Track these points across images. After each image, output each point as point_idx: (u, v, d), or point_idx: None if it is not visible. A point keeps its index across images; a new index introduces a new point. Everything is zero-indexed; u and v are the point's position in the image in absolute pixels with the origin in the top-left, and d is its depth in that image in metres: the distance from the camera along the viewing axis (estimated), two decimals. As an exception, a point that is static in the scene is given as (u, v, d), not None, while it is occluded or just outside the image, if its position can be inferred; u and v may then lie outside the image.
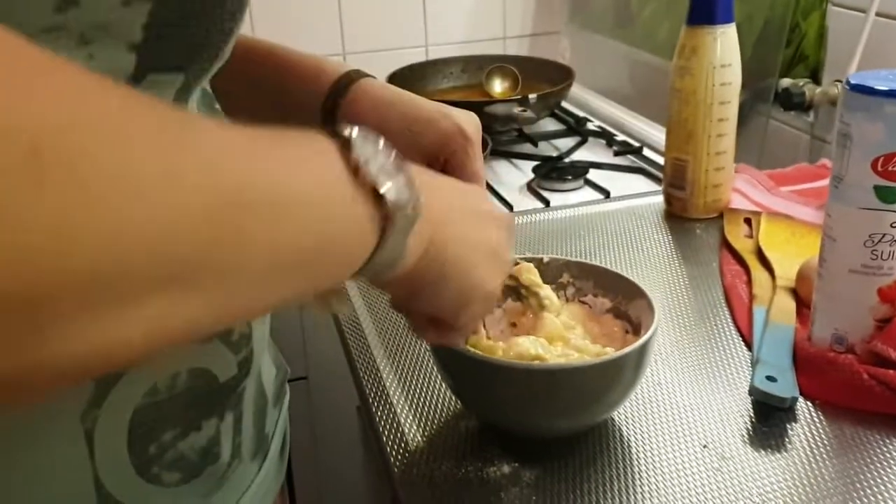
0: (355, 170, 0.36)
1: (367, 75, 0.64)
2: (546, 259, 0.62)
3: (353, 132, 0.37)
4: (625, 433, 0.57)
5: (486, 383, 0.54)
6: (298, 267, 0.33)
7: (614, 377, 0.52)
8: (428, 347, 0.60)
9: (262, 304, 0.35)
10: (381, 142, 0.37)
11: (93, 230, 0.24)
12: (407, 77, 1.37)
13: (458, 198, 0.48)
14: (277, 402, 0.56)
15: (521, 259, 0.62)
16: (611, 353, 0.54)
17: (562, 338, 0.57)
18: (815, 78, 1.08)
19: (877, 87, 0.56)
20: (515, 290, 0.60)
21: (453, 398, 0.61)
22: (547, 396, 0.52)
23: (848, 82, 0.57)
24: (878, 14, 0.97)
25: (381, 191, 0.36)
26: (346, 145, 0.36)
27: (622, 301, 0.59)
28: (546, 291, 0.59)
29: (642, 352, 0.52)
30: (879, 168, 0.57)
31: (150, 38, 0.36)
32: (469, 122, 0.60)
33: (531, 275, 0.60)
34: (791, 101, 1.06)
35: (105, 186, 0.24)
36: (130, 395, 0.41)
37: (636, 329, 0.58)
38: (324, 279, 0.37)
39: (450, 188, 0.49)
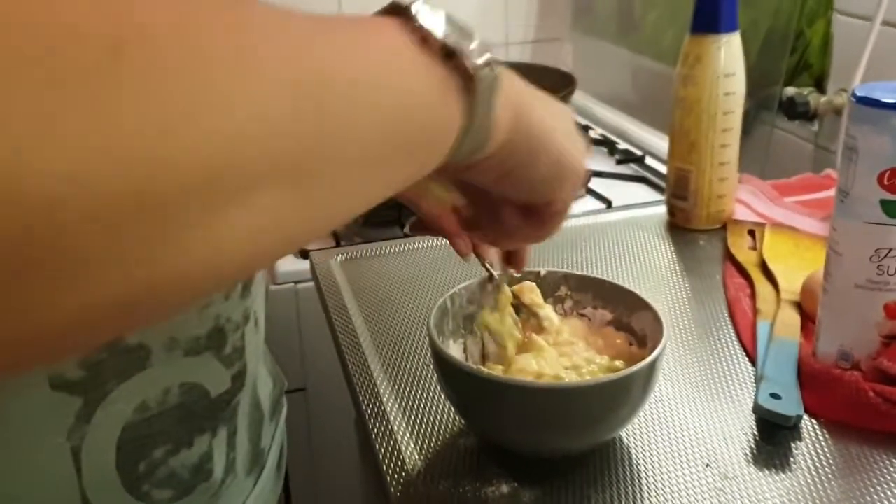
0: (423, 39, 0.34)
1: None
2: (543, 272, 0.61)
3: (415, 6, 0.35)
4: (625, 452, 0.56)
5: (492, 401, 0.52)
6: (395, 148, 0.32)
7: (624, 394, 0.51)
8: (431, 364, 0.59)
9: (367, 193, 0.32)
10: (444, 13, 0.36)
11: (188, 129, 0.22)
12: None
13: (524, 82, 0.46)
14: (274, 415, 0.55)
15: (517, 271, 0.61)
16: (621, 365, 0.54)
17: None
18: (820, 87, 1.07)
19: (883, 100, 0.54)
20: (516, 308, 0.59)
21: (452, 414, 0.60)
22: (555, 415, 0.51)
23: (854, 95, 0.56)
24: (883, 23, 0.96)
25: (455, 48, 0.34)
26: (408, 18, 0.34)
27: (623, 312, 0.58)
28: (546, 312, 0.58)
29: (652, 367, 0.51)
30: (886, 182, 0.55)
31: None
32: None
33: (533, 294, 0.59)
34: (795, 111, 1.05)
35: (193, 84, 0.23)
36: (120, 411, 0.40)
37: (641, 341, 0.57)
38: (423, 158, 0.35)
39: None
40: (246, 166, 0.24)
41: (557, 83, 1.36)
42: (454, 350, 0.59)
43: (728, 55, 0.83)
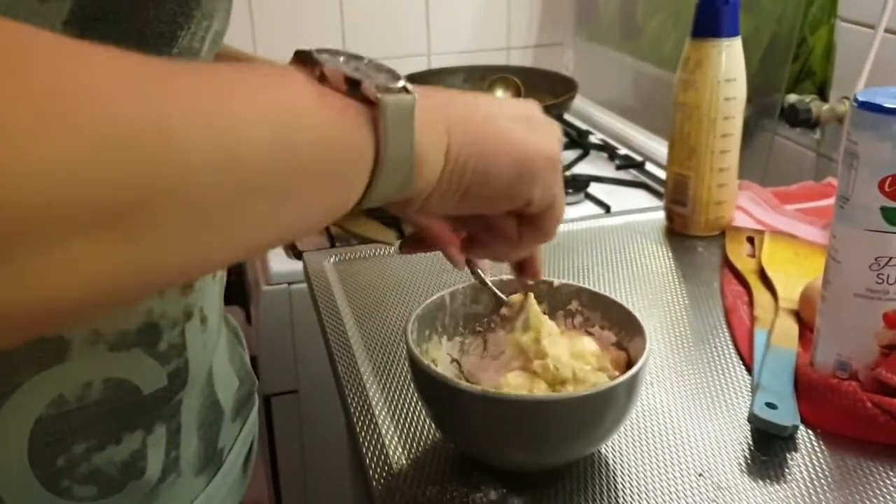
0: (323, 76, 0.33)
1: None
2: (556, 283, 0.59)
3: (315, 51, 0.34)
4: (618, 459, 0.55)
5: (464, 413, 0.51)
6: (273, 193, 0.30)
7: (594, 411, 0.49)
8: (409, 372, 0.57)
9: (229, 247, 0.30)
10: (351, 52, 0.35)
11: None
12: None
13: (462, 92, 0.44)
14: (239, 415, 0.53)
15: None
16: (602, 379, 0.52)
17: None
18: (822, 94, 1.06)
19: (885, 105, 0.54)
20: (510, 320, 0.57)
21: (441, 419, 0.59)
22: (514, 428, 0.50)
23: (856, 99, 0.55)
24: (887, 30, 0.95)
25: (356, 78, 0.33)
26: (308, 61, 0.33)
27: (624, 337, 0.56)
28: (547, 333, 0.55)
29: (621, 388, 0.49)
30: (887, 189, 0.54)
31: (73, 38, 0.34)
32: None
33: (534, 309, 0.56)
34: (797, 118, 1.04)
35: None
36: (30, 403, 0.39)
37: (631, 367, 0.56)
38: (326, 195, 0.33)
39: (447, 89, 0.45)
40: (50, 218, 0.23)
41: (558, 88, 1.35)
42: (447, 347, 0.58)
43: (729, 60, 0.82)
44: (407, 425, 0.59)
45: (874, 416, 0.55)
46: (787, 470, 0.54)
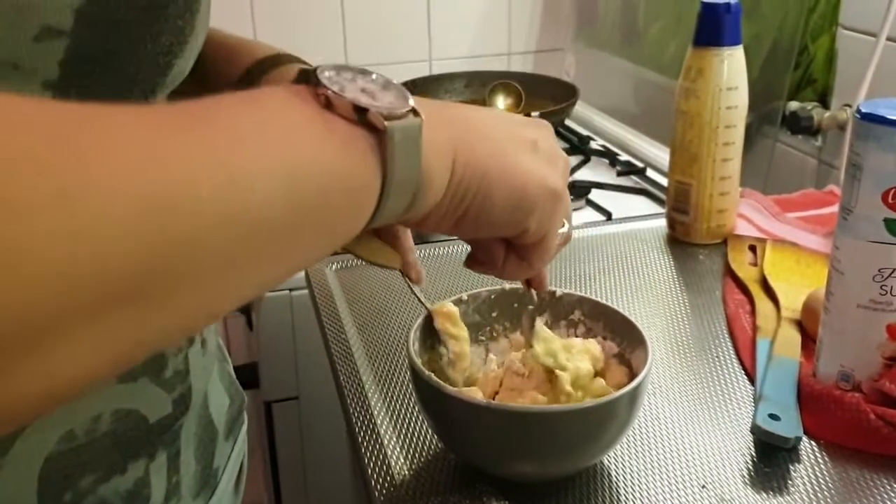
0: (328, 102, 0.32)
1: (301, 62, 0.57)
2: (559, 293, 0.59)
3: (320, 68, 0.33)
4: (621, 470, 0.55)
5: (465, 424, 0.51)
6: (285, 238, 0.29)
7: (585, 425, 0.49)
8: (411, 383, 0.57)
9: (241, 294, 0.30)
10: (355, 68, 0.34)
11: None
12: (410, 91, 1.35)
13: (473, 108, 0.42)
14: (230, 433, 0.53)
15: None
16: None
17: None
18: (824, 102, 1.06)
19: (889, 117, 0.53)
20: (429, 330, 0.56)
21: (443, 429, 0.59)
22: (516, 439, 0.49)
23: (859, 111, 0.55)
24: (889, 39, 0.95)
25: (362, 104, 0.32)
26: (311, 81, 0.32)
27: (627, 348, 0.56)
28: (458, 344, 0.54)
29: (617, 402, 0.49)
30: (890, 200, 0.54)
31: (70, 75, 0.33)
32: None
33: (448, 322, 0.55)
34: (799, 125, 1.04)
35: (8, 228, 0.21)
36: (41, 442, 0.38)
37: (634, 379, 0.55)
38: (334, 225, 0.32)
39: (458, 104, 0.43)
40: (74, 306, 0.23)
41: (559, 94, 1.35)
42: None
43: (731, 68, 0.82)
44: (409, 435, 0.59)
45: (877, 428, 0.55)
46: (790, 482, 0.54)
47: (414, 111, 0.34)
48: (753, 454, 0.56)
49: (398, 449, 0.58)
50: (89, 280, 0.23)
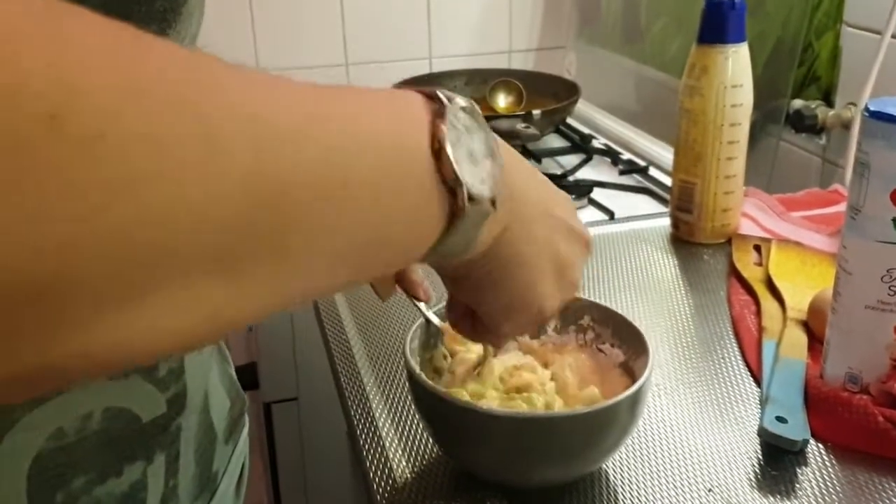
0: (438, 150, 0.32)
1: None
2: None
3: (452, 110, 0.32)
4: (626, 473, 0.54)
5: (465, 430, 0.50)
6: (354, 254, 0.30)
7: (573, 432, 0.49)
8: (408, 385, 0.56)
9: (308, 291, 0.30)
10: (478, 116, 0.34)
11: (105, 218, 0.21)
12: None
13: (545, 197, 0.42)
14: (231, 436, 0.52)
15: None
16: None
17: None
18: (828, 100, 1.05)
19: (898, 115, 0.53)
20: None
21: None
22: (516, 446, 0.49)
23: (867, 109, 0.54)
24: (894, 36, 0.94)
25: (462, 180, 0.32)
26: (437, 114, 0.32)
27: (632, 356, 0.55)
28: (455, 362, 0.54)
29: (616, 408, 0.48)
30: (899, 199, 0.54)
31: None
32: None
33: (455, 341, 0.55)
34: (803, 123, 1.03)
35: (126, 170, 0.21)
36: (29, 440, 0.37)
37: None
38: (382, 265, 0.33)
39: (539, 181, 0.43)
40: (170, 261, 0.23)
41: (561, 92, 1.34)
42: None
43: (736, 66, 0.81)
44: (410, 437, 0.58)
45: (886, 431, 0.55)
46: (797, 485, 0.53)
47: (493, 202, 0.34)
48: (760, 457, 0.55)
49: (399, 451, 0.57)
50: (215, 222, 0.23)
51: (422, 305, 0.54)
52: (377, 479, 0.54)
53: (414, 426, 0.59)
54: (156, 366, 0.42)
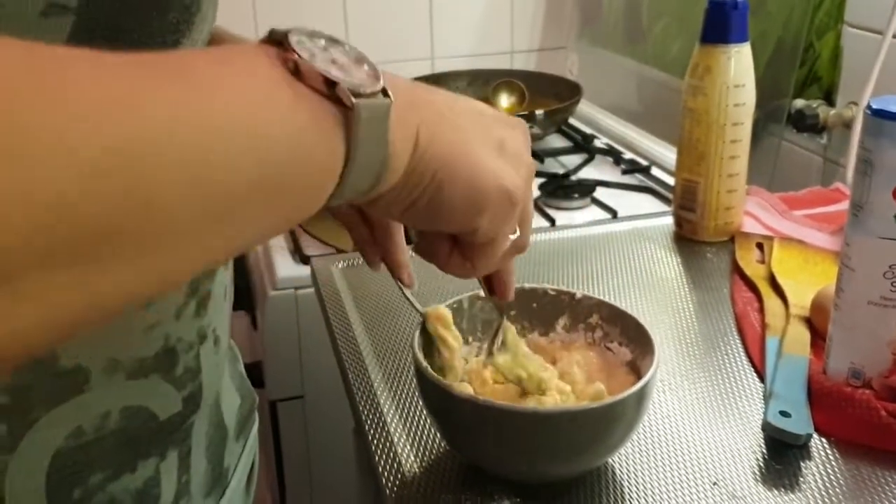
0: (295, 69, 0.31)
1: None
2: (578, 295, 0.59)
3: (293, 34, 0.32)
4: (631, 468, 0.55)
5: (470, 424, 0.51)
6: (245, 205, 0.28)
7: (581, 427, 0.49)
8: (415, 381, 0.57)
9: (203, 253, 0.29)
10: (333, 37, 0.33)
11: None
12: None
13: (445, 93, 0.41)
14: (241, 433, 0.52)
15: (553, 290, 0.59)
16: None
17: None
18: (829, 99, 1.06)
19: (900, 113, 0.53)
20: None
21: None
22: (522, 440, 0.49)
23: (870, 107, 0.55)
24: (895, 36, 0.95)
25: (336, 79, 0.31)
26: (281, 46, 0.31)
27: (639, 355, 0.56)
28: (450, 353, 0.53)
29: (623, 403, 0.48)
30: (901, 196, 0.54)
31: None
32: None
33: (440, 324, 0.53)
34: (804, 123, 1.04)
35: None
36: (49, 437, 0.38)
37: None
38: (292, 201, 0.32)
39: (457, 97, 0.41)
40: (29, 256, 0.22)
41: (563, 92, 1.35)
42: (463, 352, 0.57)
43: (738, 66, 0.82)
44: (419, 432, 0.59)
45: (888, 425, 0.55)
46: (801, 479, 0.54)
47: (384, 91, 0.33)
48: (764, 451, 0.56)
49: (408, 447, 0.57)
50: (44, 230, 0.22)
51: (407, 292, 0.53)
52: (386, 474, 0.55)
53: (422, 421, 0.60)
54: (174, 365, 0.43)
